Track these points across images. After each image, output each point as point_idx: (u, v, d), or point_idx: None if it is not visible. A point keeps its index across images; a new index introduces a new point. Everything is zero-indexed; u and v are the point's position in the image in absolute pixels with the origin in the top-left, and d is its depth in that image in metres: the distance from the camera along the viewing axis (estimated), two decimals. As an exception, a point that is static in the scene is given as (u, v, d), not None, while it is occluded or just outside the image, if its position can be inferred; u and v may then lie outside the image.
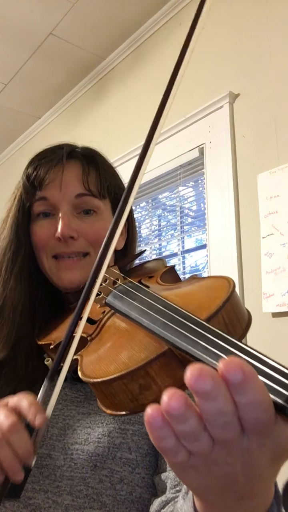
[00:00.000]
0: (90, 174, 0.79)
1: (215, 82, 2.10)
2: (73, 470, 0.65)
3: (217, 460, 0.35)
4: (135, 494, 0.66)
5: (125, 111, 2.67)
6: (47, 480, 0.65)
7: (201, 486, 0.38)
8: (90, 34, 2.63)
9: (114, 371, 0.43)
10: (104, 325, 0.58)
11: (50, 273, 0.77)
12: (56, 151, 0.80)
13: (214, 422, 0.33)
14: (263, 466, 0.36)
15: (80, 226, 0.76)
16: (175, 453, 0.35)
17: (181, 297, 0.55)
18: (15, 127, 3.59)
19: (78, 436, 0.67)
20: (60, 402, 0.72)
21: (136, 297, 0.54)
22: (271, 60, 1.87)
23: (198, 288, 0.55)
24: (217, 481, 0.37)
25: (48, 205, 0.77)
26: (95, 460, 0.65)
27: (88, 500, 0.64)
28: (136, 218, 2.74)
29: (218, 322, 0.44)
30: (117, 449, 0.66)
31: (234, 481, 0.36)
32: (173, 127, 2.26)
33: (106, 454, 0.66)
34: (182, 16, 2.37)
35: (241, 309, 0.49)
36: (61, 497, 0.64)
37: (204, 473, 0.36)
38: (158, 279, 0.66)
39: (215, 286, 0.51)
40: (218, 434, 0.34)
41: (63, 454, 0.66)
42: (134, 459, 0.67)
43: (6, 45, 2.70)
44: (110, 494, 0.65)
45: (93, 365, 0.48)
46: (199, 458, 0.35)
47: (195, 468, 0.36)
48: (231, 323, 0.46)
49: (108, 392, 0.44)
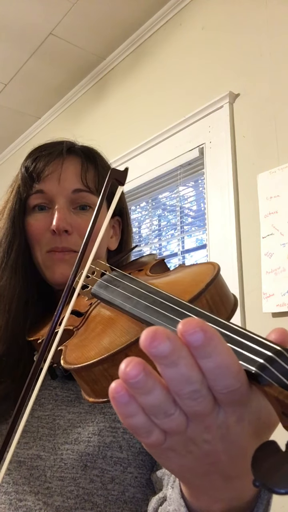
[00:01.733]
0: (89, 170, 0.79)
1: (215, 82, 2.10)
2: (64, 471, 0.64)
3: (195, 438, 0.33)
4: (127, 494, 0.65)
5: (125, 111, 2.67)
6: (38, 482, 0.64)
7: (183, 469, 0.37)
8: (90, 34, 2.63)
9: (94, 356, 0.43)
10: (90, 316, 0.58)
11: (43, 266, 0.76)
12: (56, 145, 0.80)
13: (181, 393, 0.31)
14: (246, 442, 0.34)
15: (76, 221, 0.75)
16: (147, 433, 0.33)
17: (167, 283, 0.55)
18: (15, 127, 3.59)
19: (68, 436, 0.67)
20: (50, 402, 0.71)
21: (120, 284, 0.54)
22: (271, 60, 1.87)
23: (184, 275, 0.55)
24: (199, 462, 0.35)
25: (44, 198, 0.76)
26: (85, 460, 0.64)
27: (79, 500, 0.63)
28: (136, 218, 2.74)
29: (202, 304, 0.44)
30: (107, 448, 0.65)
31: (216, 460, 0.35)
32: (173, 127, 2.26)
33: (96, 453, 0.65)
34: (182, 16, 2.37)
35: (226, 292, 0.48)
36: (51, 498, 0.63)
37: (183, 454, 0.35)
38: (148, 271, 0.66)
39: (200, 271, 0.51)
40: (189, 407, 0.32)
41: (53, 454, 0.65)
42: (125, 458, 0.66)
43: (6, 45, 2.70)
44: (102, 494, 0.64)
45: (75, 353, 0.48)
46: (175, 437, 0.33)
47: (173, 450, 0.34)
48: (215, 306, 0.45)
49: (90, 378, 0.43)
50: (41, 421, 0.69)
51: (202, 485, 0.38)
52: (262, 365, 0.31)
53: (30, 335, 0.71)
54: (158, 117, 2.37)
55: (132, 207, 2.72)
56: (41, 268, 0.77)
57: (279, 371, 0.31)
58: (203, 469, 0.36)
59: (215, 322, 0.36)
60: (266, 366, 0.31)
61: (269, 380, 0.31)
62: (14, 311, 0.73)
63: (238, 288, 1.80)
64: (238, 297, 1.79)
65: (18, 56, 2.80)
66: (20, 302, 0.74)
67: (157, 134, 2.35)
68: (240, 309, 1.77)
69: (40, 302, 0.78)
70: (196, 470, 0.36)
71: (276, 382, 0.30)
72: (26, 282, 0.76)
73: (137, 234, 2.72)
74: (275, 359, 0.31)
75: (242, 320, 1.75)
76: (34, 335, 0.70)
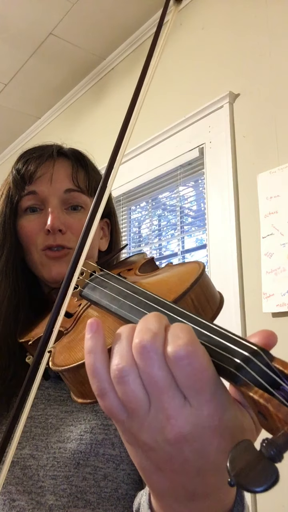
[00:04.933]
0: (79, 171, 0.80)
1: (215, 82, 2.10)
2: (56, 469, 0.64)
3: (156, 430, 0.33)
4: (120, 491, 0.66)
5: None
6: (31, 481, 0.65)
7: (146, 471, 0.37)
8: (90, 34, 2.63)
9: (81, 358, 0.43)
10: (79, 317, 0.58)
11: (40, 266, 0.76)
12: (46, 148, 0.82)
13: (142, 358, 0.33)
14: (219, 456, 0.33)
15: (68, 221, 0.76)
16: (102, 388, 0.35)
17: (153, 283, 0.56)
18: (15, 127, 3.59)
19: (61, 435, 0.67)
20: (43, 402, 0.72)
21: (107, 285, 0.54)
22: (271, 60, 1.87)
23: (170, 274, 0.56)
24: (161, 466, 0.35)
25: (36, 199, 0.77)
26: (77, 458, 0.65)
27: (72, 499, 0.63)
28: (136, 218, 2.74)
29: (187, 303, 0.45)
30: (99, 445, 0.66)
31: (181, 469, 0.34)
32: (173, 127, 2.26)
33: (88, 451, 0.65)
34: (182, 16, 2.37)
35: (212, 291, 0.49)
36: (44, 498, 0.64)
37: (146, 452, 0.35)
38: (137, 270, 0.66)
39: (186, 271, 0.52)
40: (148, 382, 0.33)
41: (46, 453, 0.66)
42: (118, 455, 0.66)
43: (6, 45, 2.70)
44: (95, 491, 0.64)
45: (63, 355, 0.48)
46: (135, 419, 0.34)
47: (135, 440, 0.35)
48: (201, 305, 0.46)
49: (77, 380, 0.44)
50: (33, 420, 0.69)
51: (165, 496, 0.38)
52: (238, 365, 0.32)
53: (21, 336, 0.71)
54: (158, 117, 2.37)
55: (132, 207, 2.72)
56: (37, 268, 0.77)
57: (254, 370, 0.31)
58: (169, 481, 0.35)
59: (196, 323, 0.37)
60: (242, 365, 0.31)
61: (245, 380, 0.31)
62: (4, 313, 0.74)
63: (238, 288, 1.80)
64: (238, 297, 1.79)
65: (18, 56, 2.80)
66: (10, 304, 0.75)
67: (157, 134, 2.35)
68: (240, 309, 1.78)
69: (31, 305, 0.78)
70: (157, 475, 0.36)
71: (251, 381, 0.31)
72: (17, 285, 0.77)
73: (137, 234, 2.72)
74: (251, 359, 0.32)
75: (242, 320, 1.75)
76: (24, 337, 0.70)
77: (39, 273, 0.77)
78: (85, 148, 0.87)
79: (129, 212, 2.71)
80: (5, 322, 0.74)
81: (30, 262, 0.78)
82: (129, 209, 2.71)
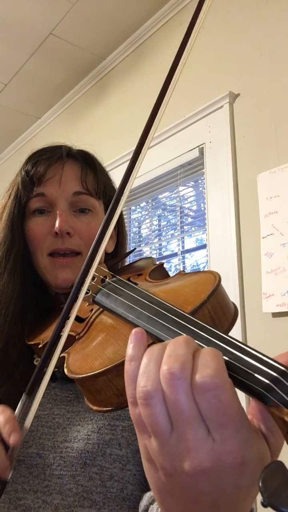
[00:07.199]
0: (88, 174, 0.80)
1: (215, 82, 2.10)
2: (63, 469, 0.65)
3: (175, 457, 0.33)
4: (126, 491, 0.66)
5: (125, 111, 2.67)
6: (37, 480, 0.65)
7: (162, 491, 0.36)
8: (90, 34, 2.63)
9: (99, 366, 0.43)
10: (92, 323, 0.58)
11: (45, 271, 0.76)
12: (55, 149, 0.81)
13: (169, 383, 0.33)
14: (234, 490, 0.33)
15: (76, 224, 0.76)
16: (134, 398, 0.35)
17: (168, 292, 0.55)
18: (15, 127, 3.59)
19: (68, 434, 0.67)
20: (50, 402, 0.72)
21: (123, 293, 0.54)
22: (271, 60, 1.87)
23: (184, 283, 0.55)
24: (177, 491, 0.34)
25: (45, 201, 0.77)
26: (84, 457, 0.65)
27: (77, 498, 0.64)
28: (136, 218, 2.74)
29: (204, 315, 0.45)
30: (106, 445, 0.66)
31: (197, 500, 0.34)
32: (173, 127, 2.26)
33: (95, 451, 0.65)
34: (182, 16, 2.37)
35: (227, 302, 0.49)
36: (50, 497, 0.64)
37: (165, 478, 0.35)
38: (147, 276, 0.66)
39: (201, 281, 0.51)
40: (173, 410, 0.33)
41: (53, 452, 0.66)
42: (124, 456, 0.66)
43: (6, 45, 2.70)
44: (101, 491, 0.64)
45: (79, 362, 0.48)
46: (158, 439, 0.34)
47: (156, 460, 0.35)
48: (217, 317, 0.46)
49: (94, 388, 0.44)
50: (40, 420, 0.69)
51: None
52: (267, 386, 0.31)
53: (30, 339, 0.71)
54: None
55: (132, 207, 2.72)
56: (42, 272, 0.77)
57: (284, 391, 0.31)
58: (181, 504, 0.35)
59: (219, 338, 0.36)
60: (271, 386, 0.31)
61: (274, 401, 0.31)
62: (11, 314, 0.74)
63: (238, 288, 1.80)
64: (238, 297, 1.79)
65: (18, 56, 2.80)
66: (17, 306, 0.75)
67: (157, 134, 2.35)
68: (240, 309, 1.77)
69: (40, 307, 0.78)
70: (171, 499, 0.36)
71: (281, 402, 0.31)
72: (25, 286, 0.76)
73: (137, 234, 2.72)
74: (280, 380, 0.31)
75: (242, 320, 1.75)
76: (34, 339, 0.70)
77: (44, 277, 0.77)
78: (86, 148, 0.87)
79: (129, 212, 2.71)
80: (11, 323, 0.73)
81: (36, 265, 0.78)
82: (129, 209, 2.71)
